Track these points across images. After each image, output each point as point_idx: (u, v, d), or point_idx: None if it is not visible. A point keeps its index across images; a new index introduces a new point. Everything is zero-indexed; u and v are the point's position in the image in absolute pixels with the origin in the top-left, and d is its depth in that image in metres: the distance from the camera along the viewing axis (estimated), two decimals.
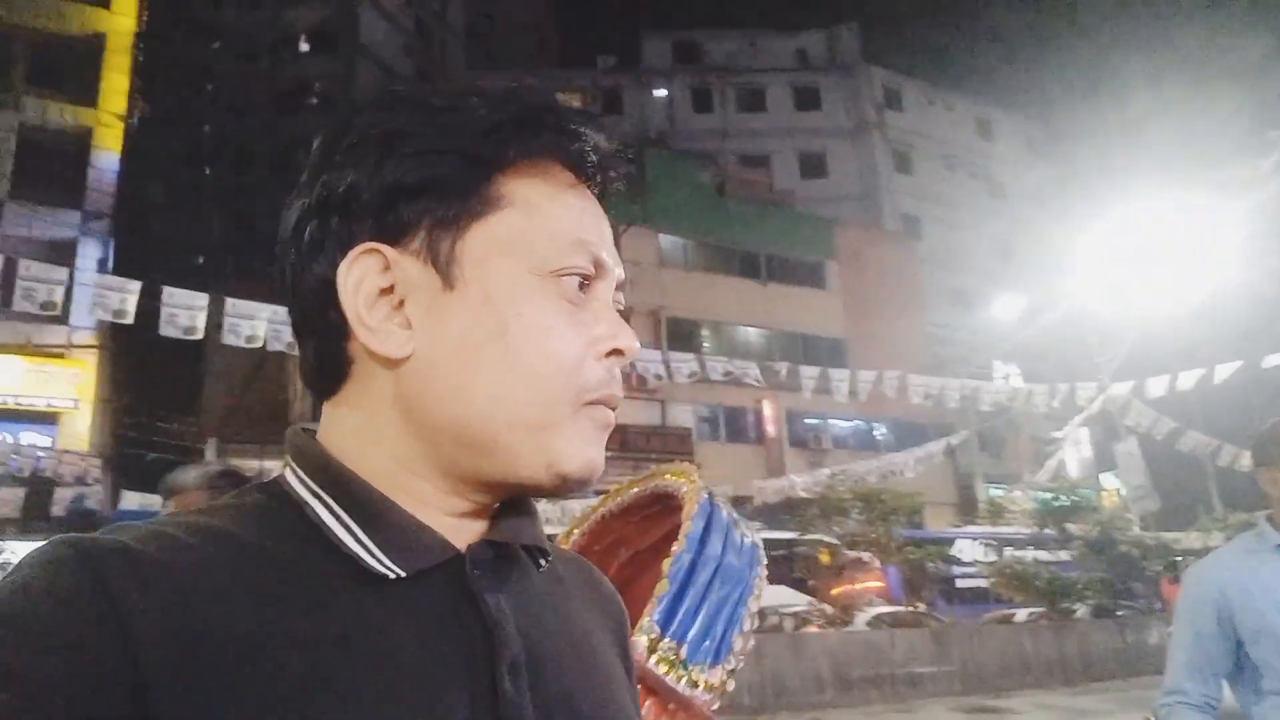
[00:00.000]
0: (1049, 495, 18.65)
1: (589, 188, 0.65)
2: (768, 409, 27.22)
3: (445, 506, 0.60)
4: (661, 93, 37.12)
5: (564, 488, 0.61)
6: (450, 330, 0.59)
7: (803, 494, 18.23)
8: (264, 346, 11.07)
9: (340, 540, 0.56)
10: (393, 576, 0.56)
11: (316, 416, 0.65)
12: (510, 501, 0.65)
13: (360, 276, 0.59)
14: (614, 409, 0.63)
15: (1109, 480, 23.98)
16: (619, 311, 0.65)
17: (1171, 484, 19.42)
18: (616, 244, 0.66)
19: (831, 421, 28.79)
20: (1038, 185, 39.32)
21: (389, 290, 0.60)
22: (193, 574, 0.51)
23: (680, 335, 26.64)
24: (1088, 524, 17.57)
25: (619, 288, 0.66)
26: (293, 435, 0.64)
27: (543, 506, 0.90)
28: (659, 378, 14.56)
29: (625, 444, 24.89)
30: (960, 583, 21.38)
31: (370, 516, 0.58)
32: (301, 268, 0.61)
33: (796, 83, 37.73)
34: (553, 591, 0.66)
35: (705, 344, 27.23)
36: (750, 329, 29.19)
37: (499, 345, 0.59)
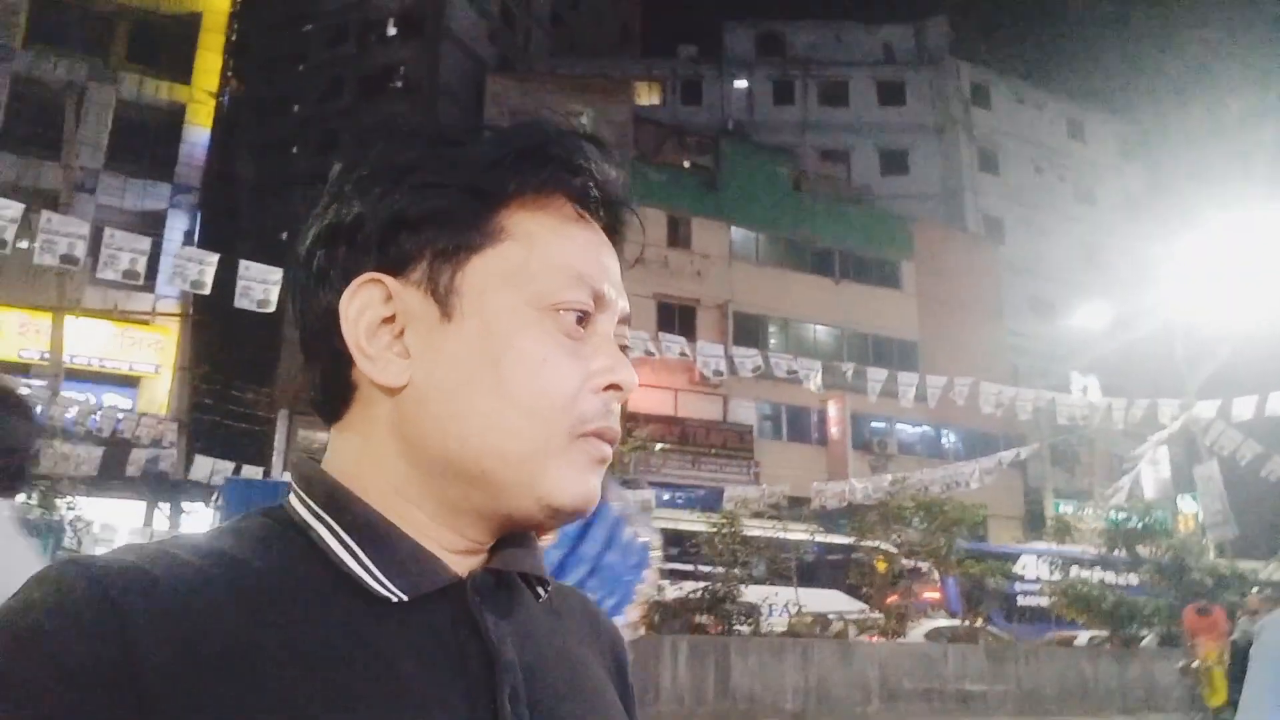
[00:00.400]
0: (1121, 515, 17.90)
1: (595, 220, 0.66)
2: (832, 410, 26.81)
3: (442, 537, 0.61)
4: (742, 84, 36.73)
5: (555, 520, 0.62)
6: (446, 360, 0.60)
7: (862, 500, 17.87)
8: None
9: (342, 561, 0.58)
10: (394, 599, 0.57)
11: None
12: (510, 533, 0.65)
13: (362, 306, 0.61)
14: (611, 443, 0.63)
15: (1186, 504, 22.93)
16: (622, 346, 0.66)
17: (1253, 512, 18.44)
18: (625, 273, 0.68)
19: (899, 426, 28.20)
20: (1129, 191, 37.74)
21: (391, 319, 0.61)
22: (197, 593, 0.52)
23: (747, 330, 26.41)
24: (1160, 548, 16.82)
25: (623, 321, 0.67)
26: (298, 462, 0.65)
27: None
28: (720, 374, 14.41)
29: (685, 438, 24.83)
30: (1021, 600, 20.73)
31: (372, 540, 0.59)
32: (308, 295, 0.64)
33: (880, 77, 36.88)
34: (551, 623, 0.67)
35: (772, 340, 26.94)
36: (819, 327, 28.78)
37: (492, 377, 0.59)
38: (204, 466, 17.20)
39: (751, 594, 14.40)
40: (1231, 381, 16.91)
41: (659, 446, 22.65)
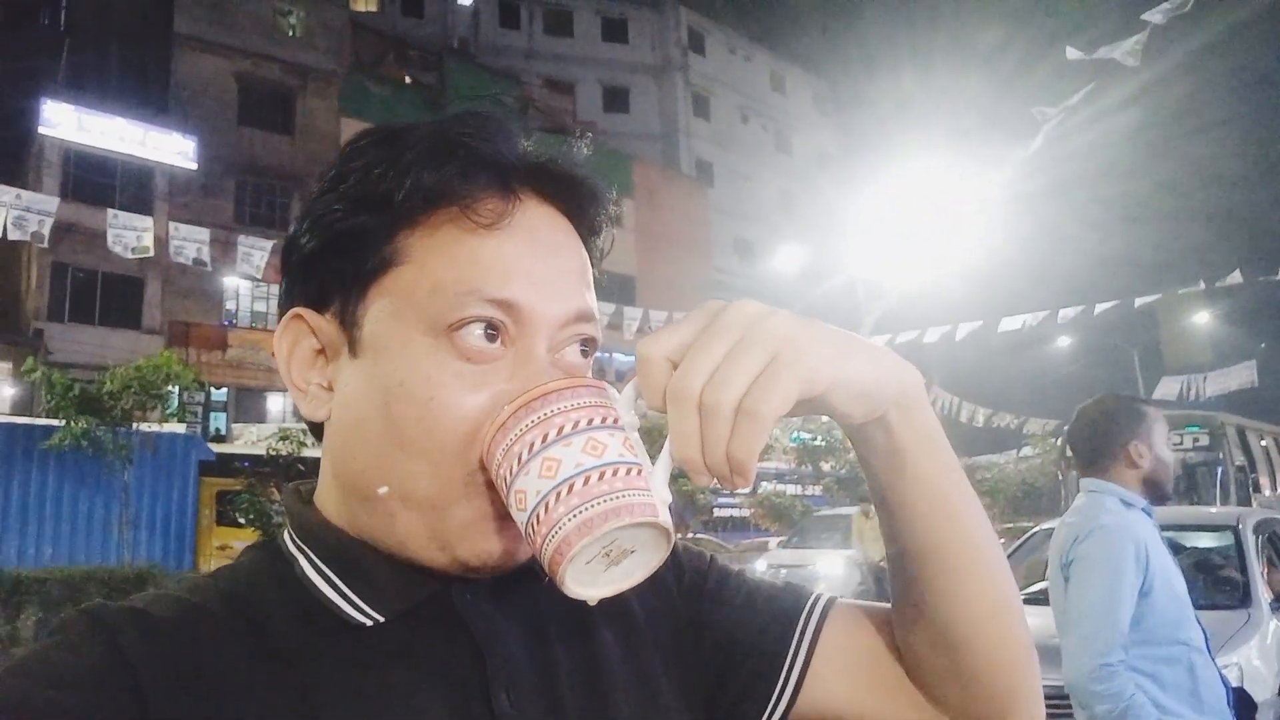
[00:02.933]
0: (808, 435, 20.14)
1: (544, 209, 0.61)
2: None
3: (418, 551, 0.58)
4: (466, 1, 35.42)
5: (468, 572, 0.58)
6: (349, 397, 0.58)
7: None
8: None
9: (321, 593, 0.58)
10: (369, 624, 0.56)
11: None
12: None
13: (291, 340, 0.60)
14: None
15: None
16: (586, 345, 0.62)
17: None
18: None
19: (617, 356, 29.43)
20: (822, 146, 41.56)
21: (322, 351, 0.60)
22: (189, 626, 0.54)
23: None
24: (839, 462, 19.19)
25: (580, 320, 0.60)
26: (287, 492, 0.66)
27: None
28: None
29: None
30: (719, 512, 22.80)
31: (346, 566, 0.58)
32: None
33: (605, 12, 37.23)
34: (558, 593, 0.61)
35: None
36: None
37: (382, 418, 0.56)
38: None
39: None
40: (899, 319, 19.48)
41: None
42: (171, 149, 21.90)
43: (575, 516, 0.49)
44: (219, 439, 19.42)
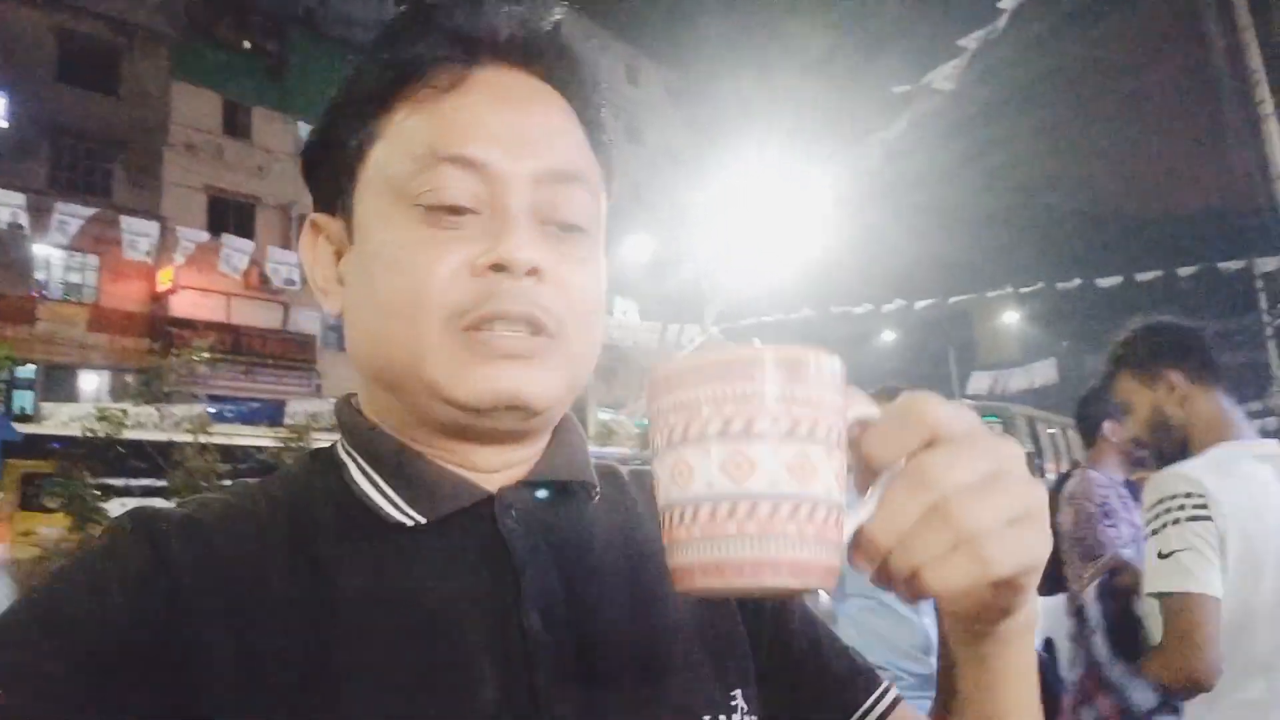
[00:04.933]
0: (647, 421, 20.65)
1: (508, 71, 0.61)
2: None
3: (465, 456, 0.61)
4: None
5: (475, 415, 0.57)
6: (351, 283, 0.62)
7: None
8: None
9: (364, 494, 0.59)
10: (410, 524, 0.58)
11: None
12: (553, 437, 0.65)
13: (309, 244, 0.66)
14: (521, 325, 0.57)
15: None
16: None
17: None
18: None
19: None
20: (673, 138, 42.40)
21: (340, 252, 0.64)
22: (231, 526, 0.56)
23: None
24: None
25: (556, 181, 0.59)
26: (340, 403, 0.67)
27: None
28: (293, 282, 13.64)
29: (238, 346, 23.06)
30: None
31: (392, 469, 0.60)
32: None
33: None
34: (613, 520, 0.65)
35: None
36: None
37: (368, 290, 0.59)
38: None
39: None
40: (739, 308, 20.32)
41: (205, 355, 20.71)
42: None
43: (720, 550, 0.40)
44: (25, 419, 17.96)
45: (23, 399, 20.28)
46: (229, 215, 23.12)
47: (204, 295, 22.04)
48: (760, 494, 0.39)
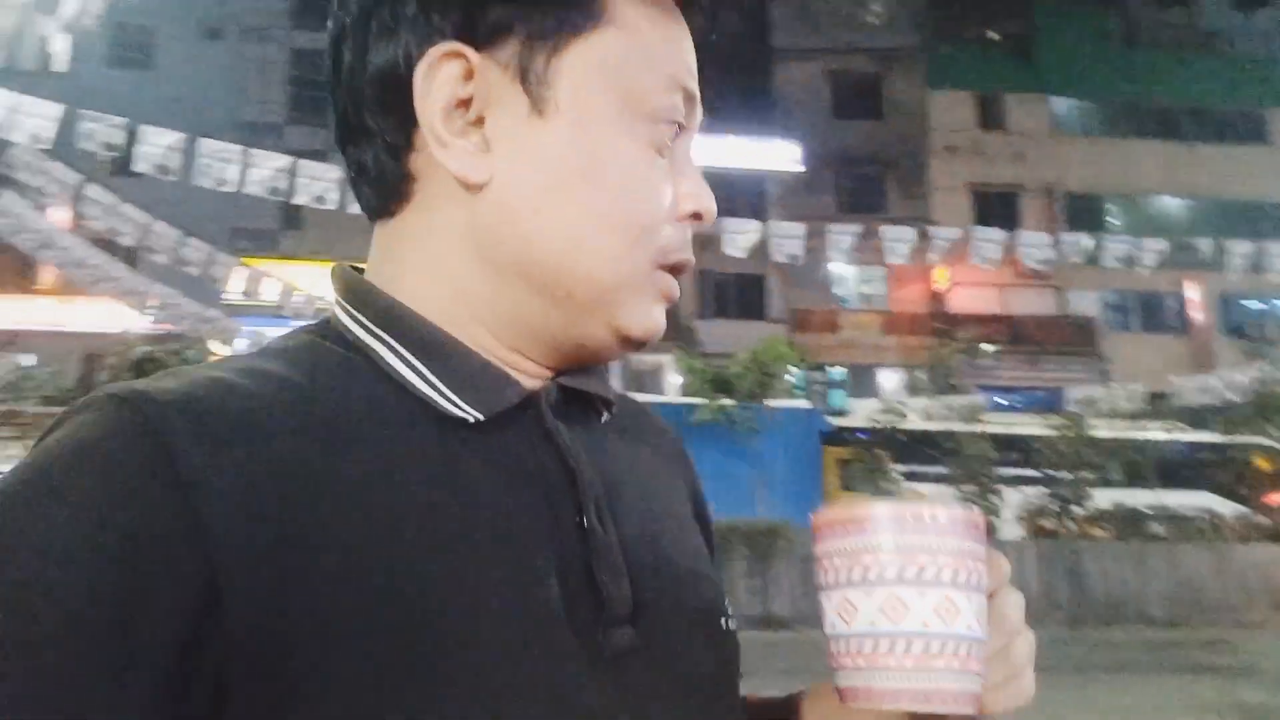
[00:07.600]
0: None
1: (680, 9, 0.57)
2: (1192, 292, 23.57)
3: (507, 356, 0.55)
4: None
5: (623, 350, 0.57)
6: (533, 161, 0.52)
7: (1229, 394, 15.63)
8: None
9: (410, 383, 0.51)
10: (470, 419, 0.51)
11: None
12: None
13: (441, 82, 0.51)
14: (681, 274, 0.58)
15: None
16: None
17: None
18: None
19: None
20: None
21: (466, 103, 0.52)
22: (261, 423, 0.45)
23: (1080, 212, 23.82)
24: None
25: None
26: (342, 273, 0.57)
27: None
28: (1046, 263, 13.17)
29: (1017, 336, 23.15)
30: None
31: (439, 359, 0.52)
32: (362, 57, 0.53)
33: None
34: (620, 443, 0.62)
35: (1114, 221, 24.12)
36: (1168, 199, 25.23)
37: (587, 188, 0.52)
38: None
39: (1102, 498, 13.36)
40: None
41: (987, 347, 21.33)
42: (778, 156, 24.37)
43: (880, 681, 0.49)
44: (839, 413, 21.03)
45: (837, 397, 23.89)
46: (992, 206, 23.52)
47: (977, 289, 22.82)
48: (913, 633, 0.48)
